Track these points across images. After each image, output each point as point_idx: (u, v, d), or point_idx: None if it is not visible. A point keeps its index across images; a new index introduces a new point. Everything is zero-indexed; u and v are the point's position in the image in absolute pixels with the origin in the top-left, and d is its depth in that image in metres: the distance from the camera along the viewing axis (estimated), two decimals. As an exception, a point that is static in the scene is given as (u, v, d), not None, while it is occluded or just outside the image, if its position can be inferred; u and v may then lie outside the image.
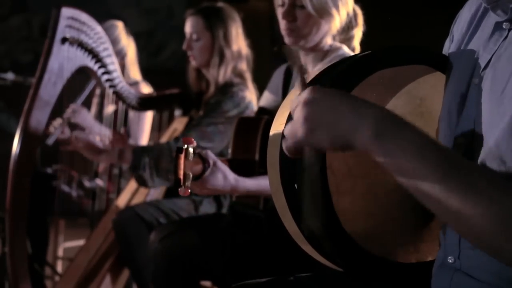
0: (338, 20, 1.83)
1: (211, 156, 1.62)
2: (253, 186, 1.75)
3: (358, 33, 1.92)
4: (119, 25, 3.06)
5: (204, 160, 1.58)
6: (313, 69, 1.87)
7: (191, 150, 1.46)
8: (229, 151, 1.94)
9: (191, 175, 1.44)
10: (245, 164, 1.85)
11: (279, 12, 1.85)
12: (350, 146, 0.88)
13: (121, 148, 2.33)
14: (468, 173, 0.84)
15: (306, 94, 0.90)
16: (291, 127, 0.92)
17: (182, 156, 1.40)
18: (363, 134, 0.86)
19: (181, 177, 1.38)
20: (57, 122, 2.72)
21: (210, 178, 1.61)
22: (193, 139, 1.49)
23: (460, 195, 0.83)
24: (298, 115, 0.90)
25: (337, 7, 1.81)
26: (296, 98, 0.93)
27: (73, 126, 2.85)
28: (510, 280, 0.95)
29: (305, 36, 1.83)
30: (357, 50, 1.93)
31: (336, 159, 1.09)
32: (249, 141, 1.88)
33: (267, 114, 2.04)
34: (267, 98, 2.14)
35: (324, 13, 1.80)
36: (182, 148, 1.42)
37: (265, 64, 2.14)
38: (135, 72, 3.16)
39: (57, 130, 2.72)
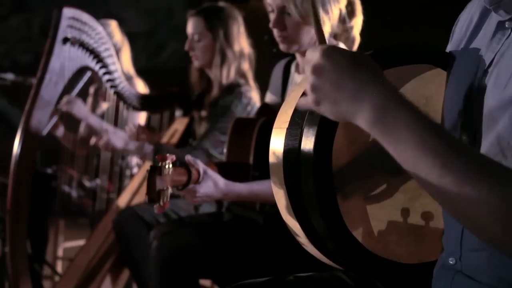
0: (328, 25, 1.80)
1: (200, 164, 1.64)
2: (245, 191, 1.75)
3: (357, 22, 1.89)
4: (112, 24, 3.07)
5: (189, 170, 1.59)
6: None
7: (168, 165, 1.43)
8: (225, 150, 1.94)
9: (169, 191, 1.42)
10: (239, 167, 1.85)
11: (270, 18, 1.86)
12: (353, 122, 0.90)
13: (143, 146, 2.39)
14: (469, 161, 0.83)
15: (317, 57, 0.91)
16: (306, 85, 0.94)
17: (155, 174, 1.38)
18: (362, 121, 0.88)
19: (155, 195, 1.35)
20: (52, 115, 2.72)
21: (201, 186, 1.63)
22: (168, 155, 1.45)
23: (460, 182, 0.82)
24: (308, 79, 0.92)
25: (326, 11, 1.79)
26: (311, 50, 0.93)
27: (69, 122, 2.86)
28: (510, 282, 0.95)
29: (298, 42, 1.83)
30: (357, 40, 1.90)
31: (341, 159, 1.09)
32: (244, 143, 1.88)
33: (269, 113, 2.04)
34: (270, 99, 2.15)
35: (311, 19, 1.78)
36: (156, 167, 1.40)
37: (266, 63, 2.14)
38: (129, 69, 3.16)
39: (51, 120, 2.73)
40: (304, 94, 0.97)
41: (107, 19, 3.08)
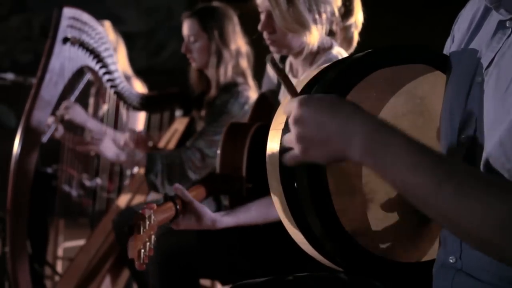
0: (317, 32, 1.77)
1: (187, 197, 1.60)
2: (231, 223, 1.72)
3: (355, 21, 1.84)
4: (106, 24, 3.07)
5: (175, 202, 1.58)
6: (303, 74, 1.85)
7: (148, 217, 1.41)
8: (218, 155, 1.92)
9: (152, 240, 1.40)
10: (232, 180, 1.84)
11: (261, 18, 1.84)
12: (345, 159, 0.91)
13: (134, 156, 2.37)
14: (463, 180, 0.84)
15: (295, 110, 0.92)
16: (288, 138, 0.95)
17: (135, 234, 1.36)
18: (354, 152, 0.89)
19: (135, 256, 1.34)
20: (51, 119, 2.72)
21: (183, 220, 1.61)
22: (146, 210, 1.43)
23: (456, 202, 0.83)
24: (292, 132, 0.93)
25: (314, 19, 1.75)
26: (288, 104, 0.95)
27: (69, 124, 2.85)
28: (511, 280, 0.95)
29: (287, 46, 1.81)
30: (355, 38, 1.86)
31: None
32: (237, 153, 1.85)
33: (266, 103, 2.04)
34: (265, 90, 2.13)
35: (298, 26, 1.74)
36: (133, 226, 1.37)
37: (266, 63, 2.13)
38: (126, 68, 3.17)
39: (51, 127, 2.73)
40: (287, 150, 0.99)
41: (101, 20, 3.08)
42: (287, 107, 0.95)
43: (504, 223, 0.81)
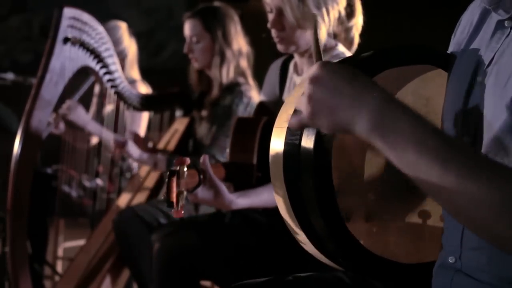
0: (324, 29, 1.79)
1: (209, 171, 1.62)
2: (246, 204, 1.74)
3: (356, 22, 1.88)
4: (123, 26, 3.07)
5: (199, 172, 1.59)
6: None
7: (184, 169, 1.45)
8: (227, 150, 1.94)
9: (185, 194, 1.43)
10: (242, 168, 1.85)
11: (269, 17, 1.85)
12: (350, 132, 0.89)
13: (157, 157, 2.42)
14: (468, 160, 0.83)
15: (315, 69, 0.91)
16: (299, 100, 0.93)
17: (175, 178, 1.39)
18: (362, 125, 0.87)
19: (174, 199, 1.36)
20: (52, 116, 2.72)
21: (202, 192, 1.61)
22: (186, 159, 1.47)
23: (460, 181, 0.82)
24: (305, 91, 0.92)
25: (322, 15, 1.78)
26: (308, 69, 0.95)
27: (70, 123, 2.86)
28: (510, 280, 0.95)
29: (295, 43, 1.83)
30: (356, 40, 1.89)
31: (341, 159, 1.09)
32: (247, 143, 1.88)
33: (266, 111, 2.05)
34: (263, 99, 2.15)
35: (308, 22, 1.77)
36: (175, 170, 1.41)
37: (266, 63, 2.14)
38: (134, 72, 3.16)
39: (51, 124, 2.73)
40: (295, 111, 0.97)
41: (116, 20, 3.08)
42: (308, 69, 0.94)
43: (503, 209, 0.81)
